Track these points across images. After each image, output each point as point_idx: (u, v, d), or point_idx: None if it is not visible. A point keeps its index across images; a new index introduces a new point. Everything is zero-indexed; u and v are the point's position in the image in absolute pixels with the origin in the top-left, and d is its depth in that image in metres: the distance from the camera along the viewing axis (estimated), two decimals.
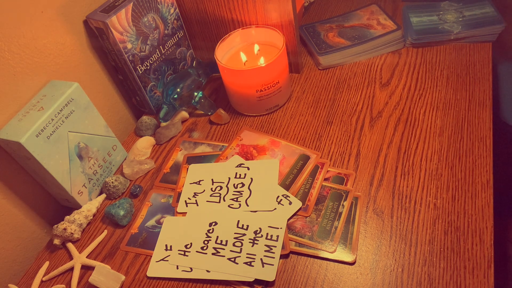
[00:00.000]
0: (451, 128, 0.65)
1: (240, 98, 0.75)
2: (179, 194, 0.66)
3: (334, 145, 0.67)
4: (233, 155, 0.69)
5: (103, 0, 0.73)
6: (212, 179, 0.66)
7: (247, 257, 0.55)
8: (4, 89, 0.59)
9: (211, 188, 0.65)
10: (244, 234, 0.58)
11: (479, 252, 0.51)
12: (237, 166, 0.67)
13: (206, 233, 0.59)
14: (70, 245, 0.63)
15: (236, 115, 0.78)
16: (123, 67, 0.74)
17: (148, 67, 0.76)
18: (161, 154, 0.74)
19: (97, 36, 0.71)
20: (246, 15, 0.76)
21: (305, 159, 0.66)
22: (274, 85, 0.71)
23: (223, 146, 0.72)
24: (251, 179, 0.65)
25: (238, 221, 0.60)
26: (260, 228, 0.58)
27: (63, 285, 0.59)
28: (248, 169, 0.66)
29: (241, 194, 0.63)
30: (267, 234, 0.57)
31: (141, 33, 0.72)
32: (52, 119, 0.59)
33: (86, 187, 0.68)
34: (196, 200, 0.64)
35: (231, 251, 0.57)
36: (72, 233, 0.62)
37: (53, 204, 0.71)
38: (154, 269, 0.58)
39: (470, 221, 0.54)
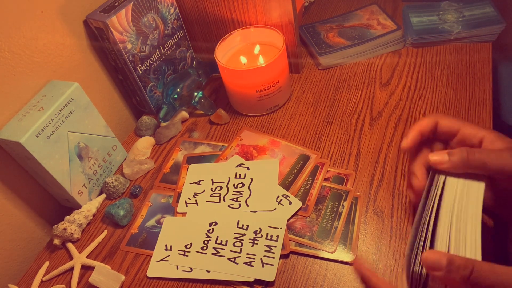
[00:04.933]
0: None
1: (240, 98, 0.75)
2: (179, 194, 0.66)
3: (334, 145, 0.67)
4: (233, 155, 0.69)
5: (103, 0, 0.73)
6: (212, 179, 0.66)
7: (247, 257, 0.55)
8: (4, 89, 0.59)
9: (211, 188, 0.65)
10: (244, 234, 0.58)
11: None
12: (237, 166, 0.67)
13: (206, 233, 0.59)
14: (70, 245, 0.63)
15: (236, 115, 0.78)
16: (123, 67, 0.74)
17: (148, 67, 0.76)
18: (161, 154, 0.74)
19: (97, 36, 0.71)
20: (246, 15, 0.76)
21: (305, 159, 0.66)
22: (274, 85, 0.71)
23: (223, 146, 0.72)
24: (251, 179, 0.65)
25: (238, 221, 0.60)
26: (260, 228, 0.58)
27: (63, 285, 0.59)
28: (248, 169, 0.66)
29: (241, 194, 0.63)
30: (267, 234, 0.57)
31: (141, 33, 0.72)
32: (52, 119, 0.59)
33: (86, 187, 0.68)
34: (196, 200, 0.64)
35: (231, 251, 0.57)
36: (72, 233, 0.62)
37: (53, 204, 0.71)
38: (154, 269, 0.58)
39: None
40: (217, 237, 0.59)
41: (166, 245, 0.60)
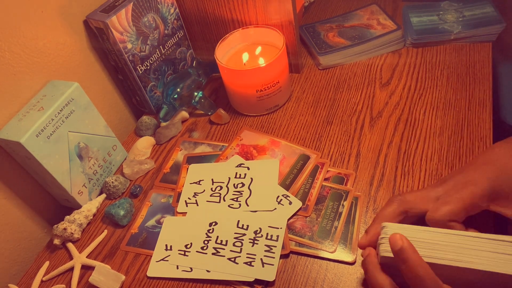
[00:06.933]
0: (451, 128, 0.65)
1: (240, 98, 0.75)
2: (179, 194, 0.66)
3: (334, 145, 0.67)
4: (233, 155, 0.69)
5: (103, 0, 0.73)
6: (212, 179, 0.66)
7: (247, 257, 0.55)
8: (4, 89, 0.59)
9: (211, 188, 0.65)
10: (244, 234, 0.58)
11: None
12: (237, 166, 0.67)
13: (206, 233, 0.59)
14: (70, 245, 0.63)
15: (236, 115, 0.78)
16: (123, 67, 0.74)
17: (148, 67, 0.76)
18: (161, 154, 0.74)
19: (97, 36, 0.71)
20: (246, 15, 0.76)
21: (305, 159, 0.66)
22: (274, 85, 0.71)
23: (223, 146, 0.72)
24: (251, 179, 0.65)
25: (238, 221, 0.60)
26: (260, 228, 0.58)
27: (63, 285, 0.59)
28: (248, 169, 0.66)
29: (241, 194, 0.63)
30: (267, 234, 0.57)
31: (141, 33, 0.72)
32: (52, 119, 0.59)
33: (86, 187, 0.68)
34: (196, 200, 0.64)
35: (231, 251, 0.57)
36: (72, 233, 0.62)
37: (53, 204, 0.71)
38: (154, 269, 0.58)
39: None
40: (217, 237, 0.59)
41: (166, 245, 0.60)
